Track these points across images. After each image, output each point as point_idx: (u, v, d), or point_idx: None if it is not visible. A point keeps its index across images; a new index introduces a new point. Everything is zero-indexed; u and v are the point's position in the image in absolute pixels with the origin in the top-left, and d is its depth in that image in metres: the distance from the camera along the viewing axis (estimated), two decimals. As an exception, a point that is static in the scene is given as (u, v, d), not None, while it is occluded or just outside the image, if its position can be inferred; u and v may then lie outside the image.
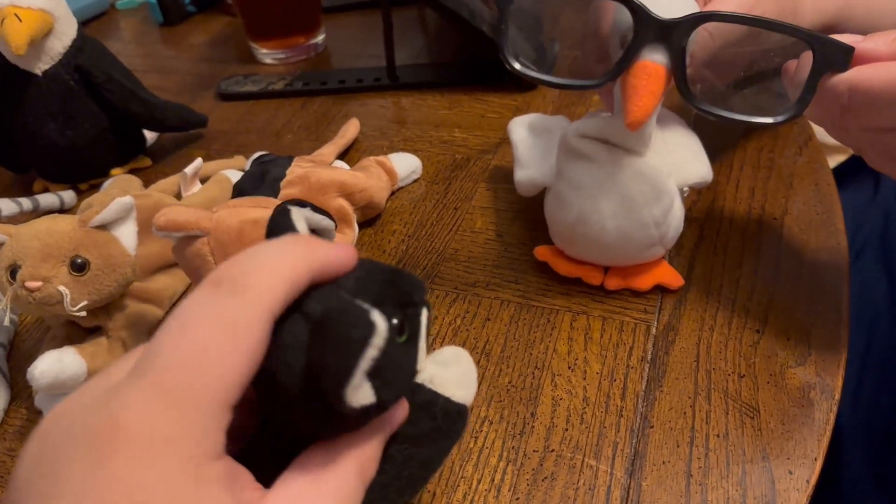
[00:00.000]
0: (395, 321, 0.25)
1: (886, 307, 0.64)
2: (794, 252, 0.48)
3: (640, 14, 0.34)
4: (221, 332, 0.22)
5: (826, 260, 0.47)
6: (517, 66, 0.39)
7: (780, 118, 0.36)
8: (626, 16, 0.35)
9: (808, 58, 0.34)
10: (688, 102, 0.37)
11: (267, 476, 0.24)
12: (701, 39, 0.38)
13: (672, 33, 0.34)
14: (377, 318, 0.22)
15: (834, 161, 0.78)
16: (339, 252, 0.25)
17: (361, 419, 0.25)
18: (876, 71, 0.32)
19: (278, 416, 0.25)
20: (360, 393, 0.22)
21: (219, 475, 0.21)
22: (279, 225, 0.28)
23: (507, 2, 0.37)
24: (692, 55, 0.37)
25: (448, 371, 0.32)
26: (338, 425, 0.24)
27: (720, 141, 0.47)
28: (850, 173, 0.76)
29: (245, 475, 0.23)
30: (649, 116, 0.34)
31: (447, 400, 0.30)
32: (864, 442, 0.62)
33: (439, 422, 0.30)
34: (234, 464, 0.23)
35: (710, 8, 0.38)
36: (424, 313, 0.27)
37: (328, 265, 0.25)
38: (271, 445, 0.25)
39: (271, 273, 0.23)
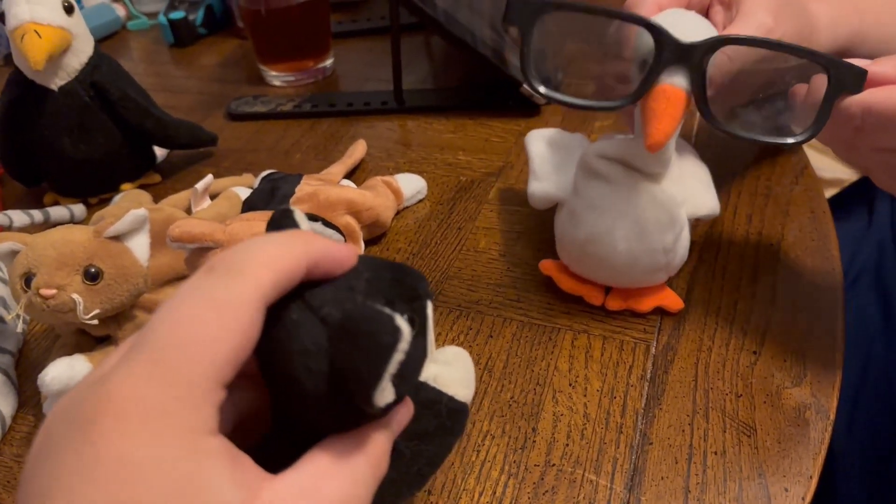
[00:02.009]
0: (406, 317, 0.25)
1: (881, 334, 0.65)
2: (791, 277, 0.49)
3: (662, 37, 0.35)
4: (212, 310, 0.22)
5: (821, 284, 0.48)
6: (542, 89, 0.40)
7: (796, 139, 0.37)
8: (646, 39, 0.36)
9: (822, 80, 0.35)
10: (708, 123, 0.38)
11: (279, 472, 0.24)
12: (720, 62, 0.39)
13: (692, 56, 0.36)
14: (402, 322, 0.23)
15: (828, 193, 0.80)
16: (338, 248, 0.26)
17: (381, 416, 0.25)
18: (888, 93, 0.33)
19: (295, 416, 0.26)
20: (387, 393, 0.23)
21: (216, 450, 0.21)
22: (281, 224, 0.28)
23: (529, 25, 0.38)
24: (711, 78, 0.38)
25: (450, 370, 0.33)
26: (357, 422, 0.25)
27: (719, 168, 0.48)
28: (845, 205, 0.77)
29: (247, 459, 0.23)
30: (668, 139, 0.35)
31: (450, 398, 0.32)
32: (859, 465, 0.62)
33: (444, 419, 0.31)
34: (233, 446, 0.22)
35: (728, 31, 0.40)
36: (429, 305, 0.28)
37: (325, 258, 0.25)
38: (284, 444, 0.26)
39: (265, 259, 0.23)
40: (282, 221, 0.28)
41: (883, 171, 0.38)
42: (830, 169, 0.94)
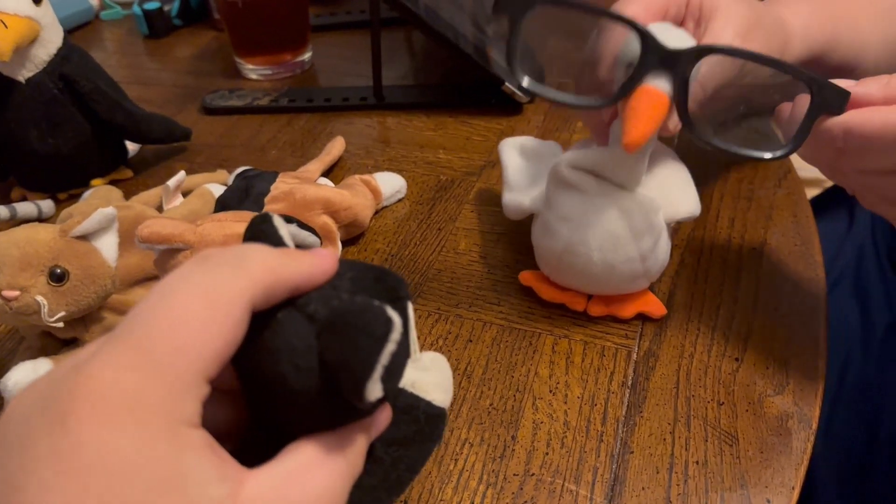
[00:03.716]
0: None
1: (859, 340, 0.65)
2: (773, 282, 0.48)
3: (648, 41, 0.35)
4: (204, 302, 0.21)
5: (804, 291, 0.47)
6: (526, 81, 0.39)
7: (774, 154, 0.36)
8: (633, 42, 0.36)
9: (804, 98, 0.34)
10: (687, 131, 0.37)
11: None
12: (704, 71, 0.38)
13: (677, 62, 0.35)
14: (392, 313, 0.22)
15: (809, 194, 0.80)
16: (321, 262, 0.25)
17: (366, 415, 0.25)
18: (870, 115, 0.33)
19: (277, 418, 0.25)
20: (377, 387, 0.22)
21: (200, 442, 0.21)
22: (261, 232, 0.28)
23: (520, 15, 0.37)
24: (693, 90, 0.37)
25: (428, 375, 0.32)
26: (341, 422, 0.25)
27: (702, 172, 0.48)
28: (825, 206, 0.77)
29: (227, 454, 0.22)
30: (646, 140, 0.35)
31: (428, 404, 0.31)
32: (835, 474, 0.62)
33: (423, 425, 0.31)
34: (214, 441, 0.22)
35: (706, 41, 0.39)
36: (410, 307, 0.28)
37: (310, 278, 0.25)
38: (261, 447, 0.25)
39: (260, 261, 0.23)
40: (261, 227, 0.27)
41: (869, 192, 0.37)
42: (811, 168, 0.94)
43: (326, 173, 0.60)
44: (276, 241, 0.27)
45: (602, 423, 0.40)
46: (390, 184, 0.57)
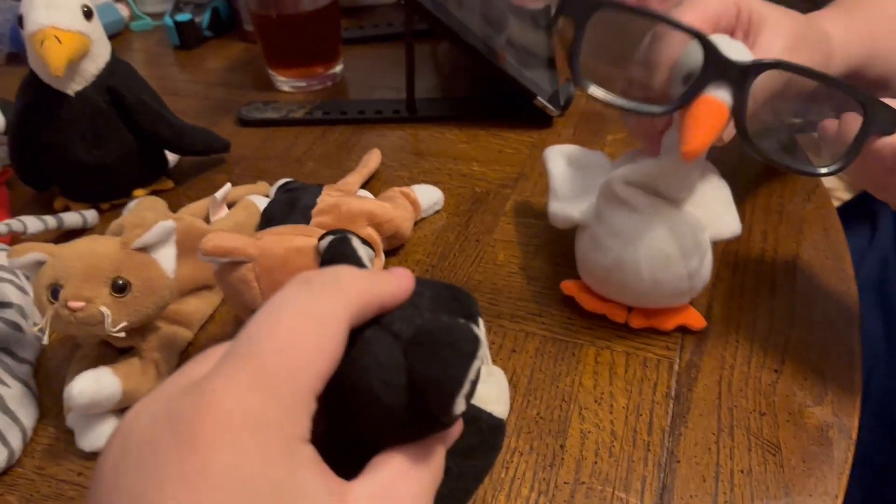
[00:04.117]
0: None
1: (883, 350, 0.66)
2: (807, 295, 0.49)
3: (712, 51, 0.36)
4: (313, 322, 0.23)
5: (838, 304, 0.49)
6: (592, 88, 0.39)
7: (824, 170, 0.37)
8: (694, 52, 0.37)
9: (854, 117, 0.35)
10: (743, 144, 0.38)
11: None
12: (762, 84, 0.39)
13: (738, 74, 0.36)
14: (478, 331, 0.24)
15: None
16: (403, 283, 0.27)
17: (447, 427, 0.26)
18: None
19: (363, 429, 0.26)
20: (463, 402, 0.23)
21: (311, 458, 0.22)
22: (341, 253, 0.29)
23: (583, 19, 0.38)
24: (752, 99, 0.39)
25: (486, 387, 0.33)
26: (423, 435, 0.26)
27: (732, 185, 0.49)
28: (847, 219, 0.78)
29: (329, 469, 0.23)
30: (704, 148, 0.35)
31: (490, 415, 0.33)
32: (857, 481, 0.63)
33: (486, 435, 0.32)
34: (319, 456, 0.23)
35: (755, 53, 0.40)
36: (482, 323, 0.29)
37: (394, 298, 0.26)
38: (341, 456, 0.26)
39: (354, 283, 0.25)
40: (341, 248, 0.28)
41: None
42: (828, 180, 0.95)
43: (364, 185, 0.62)
44: (356, 261, 0.29)
45: (648, 433, 0.41)
46: (428, 196, 0.58)
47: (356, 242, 0.29)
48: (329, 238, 0.31)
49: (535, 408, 0.43)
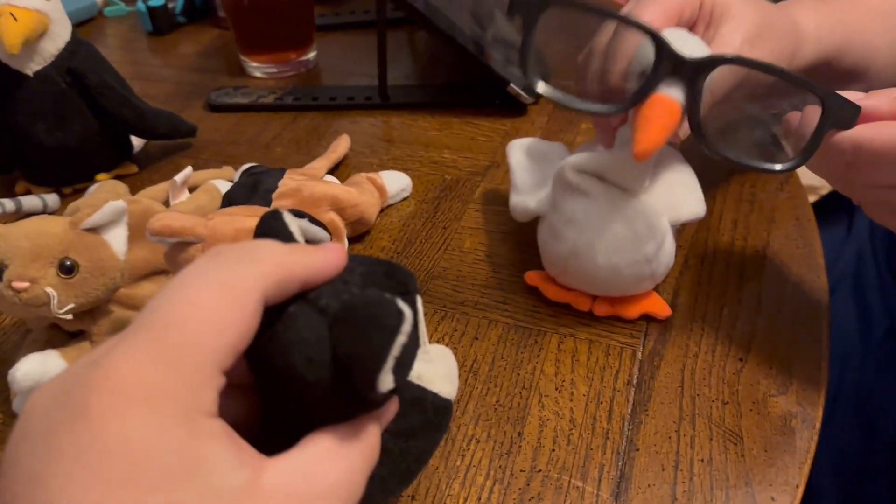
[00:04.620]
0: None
1: (858, 344, 0.65)
2: (776, 284, 0.49)
3: (663, 48, 0.35)
4: (220, 294, 0.22)
5: (806, 293, 0.48)
6: (540, 85, 0.39)
7: (782, 166, 0.36)
8: (647, 49, 0.36)
9: (814, 110, 0.34)
10: (698, 142, 0.37)
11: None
12: (714, 77, 0.38)
13: (691, 71, 0.35)
14: (403, 305, 0.23)
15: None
16: (331, 257, 0.26)
17: (378, 406, 0.26)
18: (879, 130, 0.33)
19: (290, 410, 0.25)
20: (389, 378, 0.23)
21: (218, 431, 0.21)
22: (271, 228, 0.28)
23: (533, 17, 0.37)
24: (704, 94, 0.38)
25: (434, 367, 0.33)
26: (354, 413, 0.25)
27: (703, 173, 0.48)
28: (824, 212, 0.78)
29: (245, 443, 0.22)
30: (656, 148, 0.35)
31: (435, 395, 0.32)
32: (832, 476, 0.63)
33: (430, 416, 0.31)
34: (232, 430, 0.22)
35: (715, 45, 0.39)
36: (419, 300, 0.28)
37: (321, 273, 0.25)
38: (274, 438, 0.26)
39: (271, 256, 0.24)
40: (271, 223, 0.27)
41: (877, 206, 0.37)
42: (810, 175, 0.94)
43: (332, 171, 0.60)
44: (286, 236, 0.27)
45: (608, 420, 0.40)
46: (396, 182, 0.57)
47: (288, 217, 0.28)
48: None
49: (495, 395, 0.42)
